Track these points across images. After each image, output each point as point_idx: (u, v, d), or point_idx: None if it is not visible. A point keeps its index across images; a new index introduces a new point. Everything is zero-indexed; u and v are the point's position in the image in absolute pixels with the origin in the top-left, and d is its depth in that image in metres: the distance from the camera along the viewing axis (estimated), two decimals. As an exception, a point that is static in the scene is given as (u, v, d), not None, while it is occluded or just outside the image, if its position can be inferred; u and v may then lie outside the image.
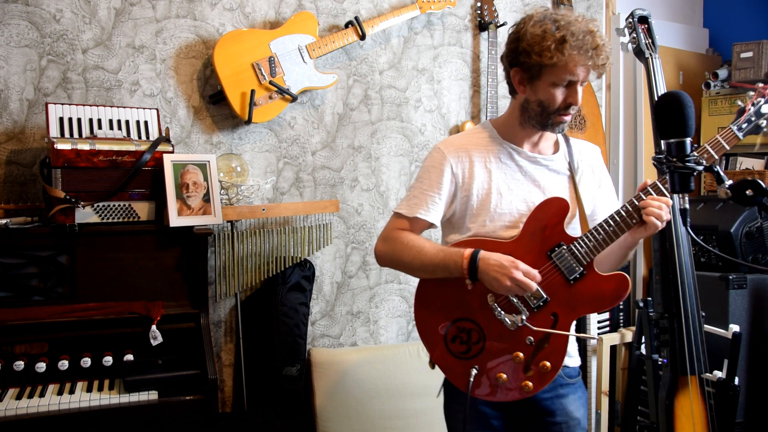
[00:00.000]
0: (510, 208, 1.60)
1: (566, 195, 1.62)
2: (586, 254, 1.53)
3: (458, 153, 1.63)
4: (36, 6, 2.29)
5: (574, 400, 1.67)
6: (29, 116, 2.30)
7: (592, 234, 1.53)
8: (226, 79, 2.44)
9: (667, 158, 1.27)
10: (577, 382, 1.70)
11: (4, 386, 1.90)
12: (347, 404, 2.64)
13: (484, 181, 1.61)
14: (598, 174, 1.72)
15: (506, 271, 1.47)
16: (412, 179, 2.93)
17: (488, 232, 1.61)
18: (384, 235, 1.67)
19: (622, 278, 1.53)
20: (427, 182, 1.63)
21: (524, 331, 1.55)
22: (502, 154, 1.63)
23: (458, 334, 1.60)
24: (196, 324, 2.14)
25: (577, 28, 1.46)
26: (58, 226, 2.04)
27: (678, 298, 2.18)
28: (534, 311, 1.55)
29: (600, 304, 1.56)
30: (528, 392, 1.55)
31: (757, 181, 1.21)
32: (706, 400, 2.21)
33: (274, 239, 2.57)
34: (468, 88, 3.04)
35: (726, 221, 2.78)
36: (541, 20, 1.50)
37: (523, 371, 1.55)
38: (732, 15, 3.66)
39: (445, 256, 1.55)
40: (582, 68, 1.48)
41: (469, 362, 1.58)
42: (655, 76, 2.21)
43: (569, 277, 1.54)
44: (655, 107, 1.50)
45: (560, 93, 1.52)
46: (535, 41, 1.48)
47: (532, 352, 1.55)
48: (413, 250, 1.59)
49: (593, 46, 1.46)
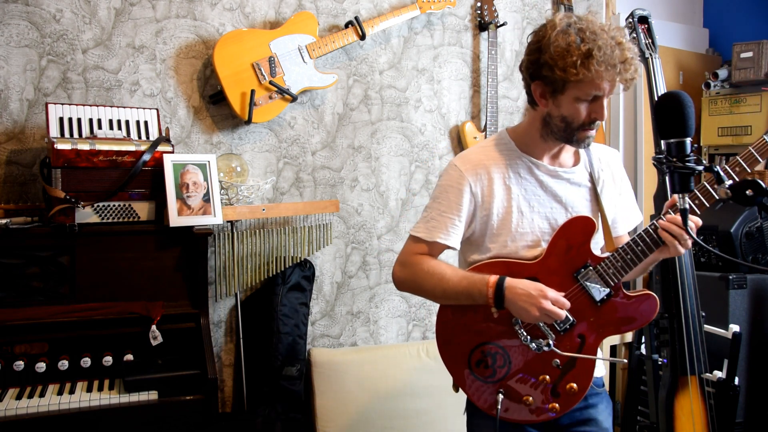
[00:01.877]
0: (532, 227, 1.55)
1: (589, 209, 1.58)
2: (613, 275, 1.49)
3: (477, 170, 1.55)
4: (36, 6, 2.29)
5: (602, 410, 1.64)
6: (29, 116, 2.30)
7: (619, 254, 1.49)
8: (226, 79, 2.44)
9: (667, 158, 1.27)
10: (603, 392, 1.67)
11: (4, 386, 1.90)
12: (347, 404, 2.64)
13: (503, 199, 1.55)
14: (619, 182, 1.66)
15: (534, 301, 1.42)
16: (412, 179, 2.93)
17: (510, 252, 1.55)
18: (402, 260, 1.60)
19: (650, 298, 1.50)
20: (446, 203, 1.56)
21: (551, 354, 1.51)
22: (521, 168, 1.56)
23: (483, 359, 1.55)
24: (196, 324, 2.14)
25: (604, 41, 1.37)
26: (58, 226, 2.04)
27: (678, 298, 2.18)
28: (561, 334, 1.52)
29: (628, 325, 1.53)
30: (555, 414, 1.53)
31: (757, 181, 1.21)
32: (706, 400, 2.21)
33: (274, 239, 2.57)
34: (468, 88, 3.04)
35: (726, 221, 2.78)
36: (565, 30, 1.40)
37: (550, 394, 1.53)
38: (732, 15, 3.66)
39: (469, 284, 1.49)
40: (609, 83, 1.40)
41: (494, 386, 1.55)
42: (655, 76, 2.21)
43: (596, 299, 1.51)
44: (655, 107, 1.50)
45: (584, 108, 1.44)
46: (558, 55, 1.39)
47: (559, 374, 1.52)
48: (434, 277, 1.53)
49: (621, 60, 1.38)
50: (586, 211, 1.56)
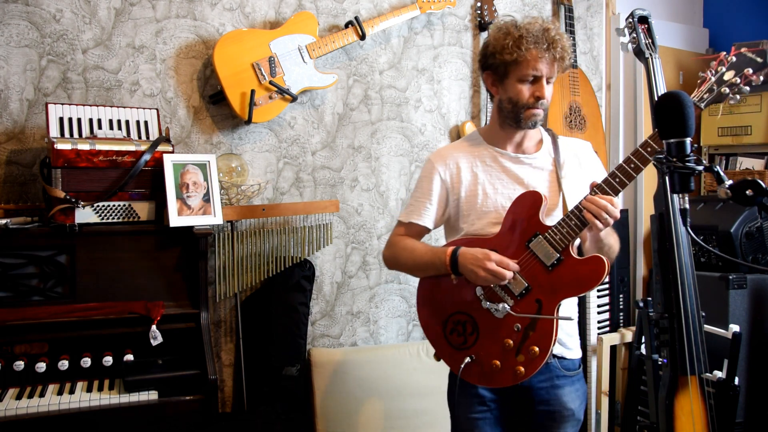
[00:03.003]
0: (495, 206, 1.72)
1: (547, 188, 1.71)
2: (560, 241, 1.60)
3: (446, 160, 1.79)
4: (36, 6, 2.29)
5: (570, 392, 1.74)
6: (29, 116, 2.30)
7: (564, 221, 1.60)
8: (226, 79, 2.44)
9: (667, 158, 1.27)
10: (575, 375, 1.77)
11: (4, 386, 1.90)
12: (347, 404, 2.64)
13: (470, 183, 1.75)
14: (587, 166, 1.77)
15: (480, 263, 1.60)
16: (412, 179, 2.93)
17: (477, 229, 1.73)
18: (388, 242, 1.86)
19: (597, 260, 1.58)
20: (420, 190, 1.81)
21: (511, 319, 1.64)
22: (487, 157, 1.76)
23: (455, 327, 1.72)
24: (196, 324, 2.14)
25: (534, 27, 1.62)
26: (58, 226, 2.04)
27: (678, 298, 2.18)
28: (518, 299, 1.64)
29: (580, 286, 1.61)
30: (521, 376, 1.62)
31: (757, 181, 1.21)
32: (706, 400, 2.21)
33: (274, 239, 2.57)
34: (468, 88, 3.04)
35: (726, 221, 2.78)
36: (504, 25, 1.67)
37: (514, 356, 1.63)
38: (732, 15, 3.66)
39: (433, 254, 1.71)
40: (543, 63, 1.62)
41: (466, 352, 1.69)
42: (655, 76, 2.21)
43: (547, 264, 1.62)
44: (655, 107, 1.49)
45: (527, 88, 1.65)
46: (497, 42, 1.65)
47: (521, 338, 1.63)
48: (407, 251, 1.78)
49: (549, 40, 1.61)
50: (545, 191, 1.69)
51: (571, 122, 3.09)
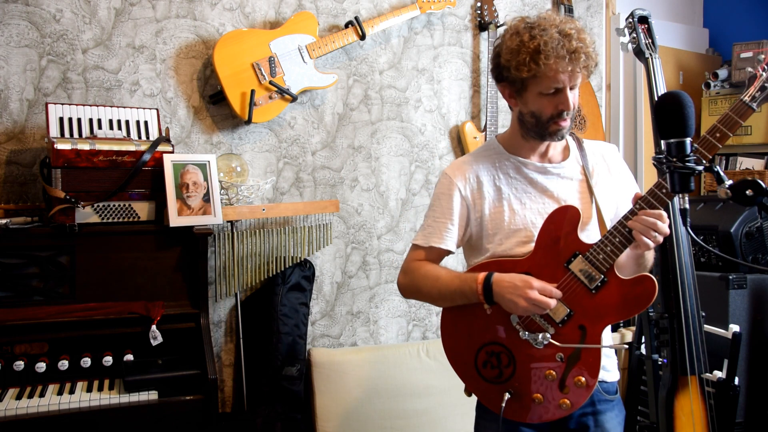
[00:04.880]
0: (525, 223, 1.56)
1: (578, 199, 1.57)
2: (604, 261, 1.46)
3: (466, 175, 1.60)
4: (36, 6, 2.29)
5: (611, 418, 1.61)
6: (29, 116, 2.30)
7: (607, 239, 1.47)
8: (226, 79, 2.44)
9: (667, 158, 1.27)
10: (615, 399, 1.63)
11: (4, 386, 1.90)
12: (347, 404, 2.64)
13: (494, 199, 1.58)
14: (617, 173, 1.65)
15: (520, 291, 1.43)
16: (412, 180, 2.93)
17: (505, 250, 1.57)
18: (404, 267, 1.66)
19: (647, 279, 1.46)
20: (439, 210, 1.62)
21: (552, 348, 1.50)
22: (510, 168, 1.60)
23: (488, 359, 1.56)
24: (196, 324, 2.14)
25: (551, 35, 1.42)
26: (58, 226, 2.04)
27: (678, 298, 2.18)
28: (560, 326, 1.50)
29: (628, 309, 1.49)
30: (567, 410, 1.50)
31: (757, 181, 1.21)
32: (706, 400, 2.21)
33: (274, 239, 2.57)
34: (468, 88, 3.04)
35: (726, 221, 2.78)
36: (516, 31, 1.48)
37: (558, 389, 1.50)
38: (732, 15, 3.66)
39: (461, 283, 1.53)
40: (565, 75, 1.44)
41: (502, 386, 1.55)
42: (655, 76, 2.21)
43: (590, 287, 1.48)
44: (655, 107, 1.49)
45: (549, 101, 1.48)
46: (511, 56, 1.47)
47: (565, 368, 1.50)
48: (430, 279, 1.58)
49: (570, 50, 1.42)
50: (577, 203, 1.55)
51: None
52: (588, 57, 1.44)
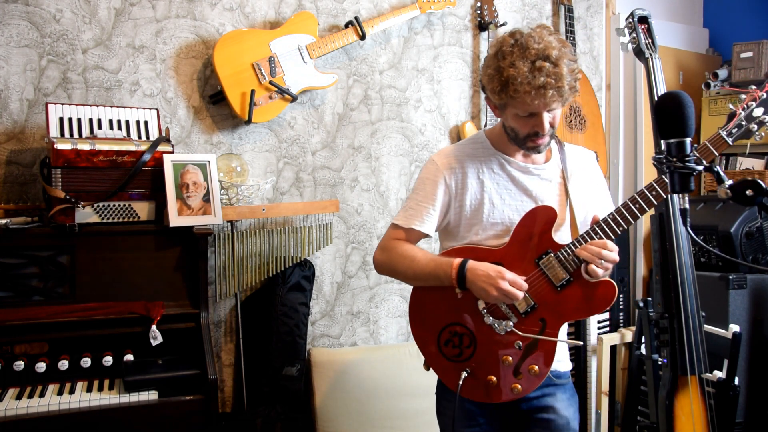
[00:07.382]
0: (502, 218, 1.65)
1: (556, 202, 1.65)
2: (572, 261, 1.56)
3: (452, 165, 1.67)
4: (36, 6, 2.29)
5: (562, 399, 1.70)
6: (29, 116, 2.30)
7: (578, 242, 1.56)
8: (226, 79, 2.44)
9: (667, 158, 1.27)
10: (566, 383, 1.73)
11: (4, 386, 1.90)
12: (347, 404, 2.64)
13: (476, 191, 1.66)
14: (595, 183, 1.73)
15: (493, 281, 1.52)
16: (412, 179, 2.93)
17: (481, 240, 1.66)
18: (382, 245, 1.73)
19: (608, 284, 1.56)
20: (422, 194, 1.69)
21: (513, 336, 1.60)
22: (494, 164, 1.67)
23: (450, 339, 1.66)
24: (196, 324, 2.14)
25: (519, 69, 1.44)
26: (58, 226, 2.04)
27: (678, 298, 2.18)
28: (523, 317, 1.60)
29: (587, 310, 1.59)
30: (517, 394, 1.61)
31: (757, 181, 1.20)
32: (706, 400, 2.21)
33: (274, 239, 2.57)
34: (468, 88, 3.04)
35: (726, 221, 2.78)
36: (498, 51, 1.51)
37: (512, 374, 1.60)
38: (732, 15, 3.66)
39: (436, 266, 1.61)
40: (538, 100, 1.47)
41: (461, 365, 1.64)
42: (655, 76, 2.21)
43: (556, 284, 1.58)
44: (655, 107, 1.49)
45: (525, 122, 1.54)
46: (488, 80, 1.53)
47: (521, 356, 1.60)
48: (407, 259, 1.66)
49: (536, 86, 1.44)
50: (555, 204, 1.63)
51: (571, 122, 3.09)
52: (558, 90, 1.46)
